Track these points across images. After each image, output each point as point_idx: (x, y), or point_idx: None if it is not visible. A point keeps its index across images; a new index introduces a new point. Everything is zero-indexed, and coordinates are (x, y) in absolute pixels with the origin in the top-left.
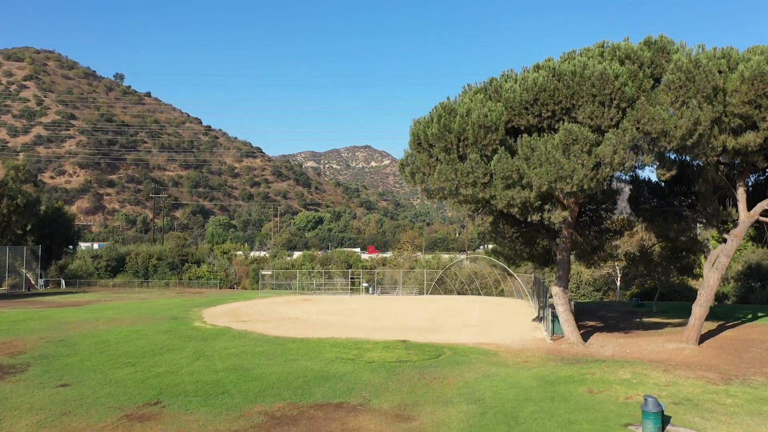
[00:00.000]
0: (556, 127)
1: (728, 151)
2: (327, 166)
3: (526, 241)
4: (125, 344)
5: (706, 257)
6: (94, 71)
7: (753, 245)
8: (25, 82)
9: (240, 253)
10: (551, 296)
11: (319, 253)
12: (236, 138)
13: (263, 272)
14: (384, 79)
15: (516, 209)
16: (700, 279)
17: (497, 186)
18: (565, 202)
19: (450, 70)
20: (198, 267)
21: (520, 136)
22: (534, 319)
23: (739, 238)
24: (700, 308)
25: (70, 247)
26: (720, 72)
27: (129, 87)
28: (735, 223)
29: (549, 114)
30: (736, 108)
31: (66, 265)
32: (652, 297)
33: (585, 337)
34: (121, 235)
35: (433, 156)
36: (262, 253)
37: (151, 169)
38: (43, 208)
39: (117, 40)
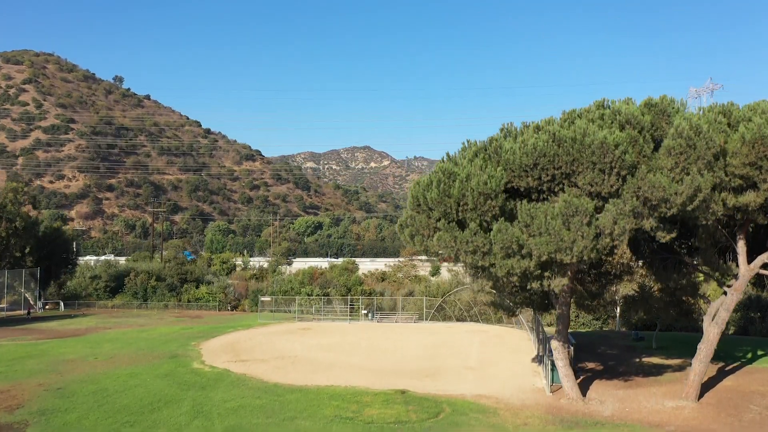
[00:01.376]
0: (556, 190)
1: (728, 208)
2: (326, 166)
3: (525, 294)
4: (123, 395)
5: (706, 301)
6: (94, 74)
7: (754, 288)
8: (24, 86)
9: (240, 262)
10: (551, 339)
11: (319, 266)
12: (235, 141)
13: (262, 298)
14: (384, 79)
15: (516, 278)
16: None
17: (497, 255)
18: (565, 268)
19: (450, 70)
20: (197, 288)
21: (520, 201)
22: (533, 359)
23: (739, 292)
24: (699, 364)
25: (69, 266)
26: (720, 131)
27: (128, 90)
28: (735, 276)
29: (549, 178)
30: (736, 169)
31: (65, 282)
32: (651, 327)
33: (584, 385)
34: (119, 241)
35: (432, 218)
36: (262, 261)
37: (150, 173)
38: (42, 228)
39: (116, 42)
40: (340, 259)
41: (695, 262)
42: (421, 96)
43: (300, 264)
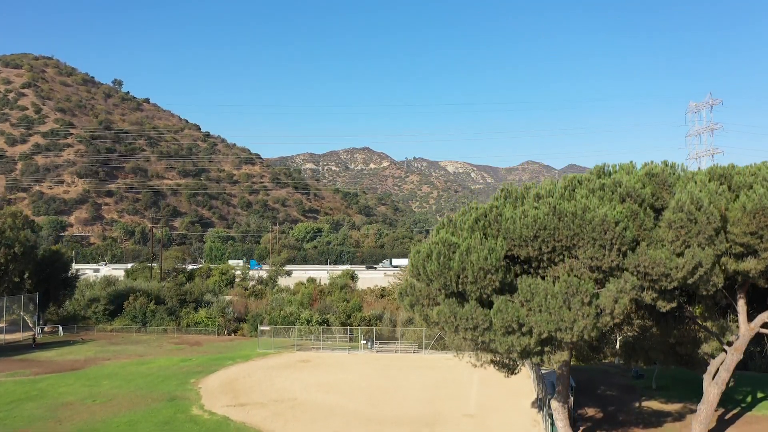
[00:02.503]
0: (556, 261)
1: (729, 272)
2: (326, 167)
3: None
4: None
5: (707, 358)
6: (93, 77)
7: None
8: (23, 90)
9: (239, 272)
10: (551, 398)
11: (318, 278)
12: (235, 144)
13: (262, 327)
14: (384, 79)
15: (516, 354)
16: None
17: (497, 332)
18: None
19: (450, 70)
20: (196, 312)
21: (520, 275)
22: (533, 403)
23: (740, 352)
24: (699, 425)
25: (68, 289)
26: (721, 198)
27: (128, 93)
28: (734, 333)
29: (549, 249)
30: (737, 237)
31: (63, 302)
32: (651, 361)
33: None
34: (119, 248)
35: (432, 288)
36: (261, 272)
37: (149, 178)
38: (40, 251)
39: (115, 44)
40: (340, 269)
41: (696, 317)
42: (421, 96)
43: (299, 273)
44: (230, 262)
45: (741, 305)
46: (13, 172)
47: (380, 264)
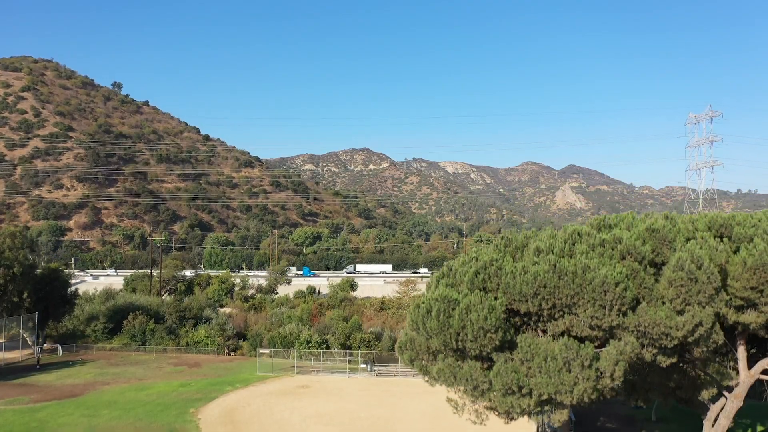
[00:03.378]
0: (556, 316)
1: (729, 323)
2: (325, 168)
3: None
4: None
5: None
6: (92, 80)
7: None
8: (22, 93)
9: (238, 281)
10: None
11: (317, 287)
12: (234, 147)
13: (261, 350)
14: (383, 79)
15: (516, 414)
16: None
17: (497, 392)
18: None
19: (449, 70)
20: (195, 330)
21: (520, 333)
22: None
23: (740, 399)
24: None
25: (67, 306)
26: (720, 249)
27: (127, 96)
28: (736, 381)
29: (549, 306)
30: (738, 291)
31: (62, 318)
32: None
33: None
34: (118, 254)
35: (431, 342)
36: (261, 279)
37: (149, 181)
38: (39, 270)
39: (115, 46)
40: (339, 278)
41: (695, 360)
42: (422, 96)
43: (299, 281)
44: (249, 272)
45: (741, 352)
46: (13, 176)
47: (379, 270)
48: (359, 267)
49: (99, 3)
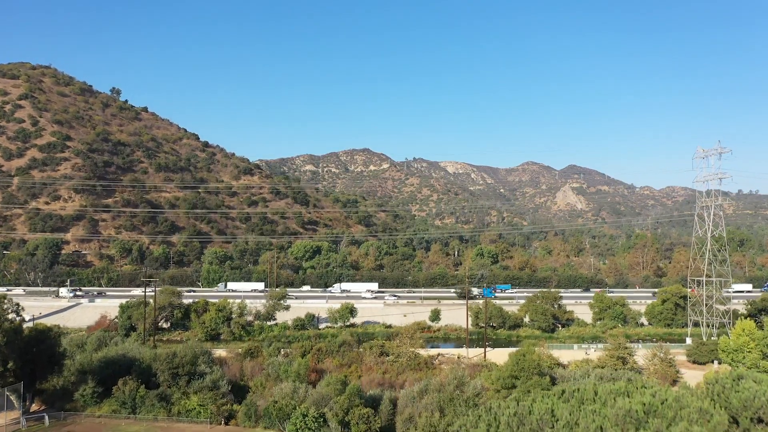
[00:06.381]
0: None
1: None
2: (325, 169)
3: None
4: None
5: None
6: (91, 86)
7: None
8: (20, 102)
9: (236, 308)
10: None
11: (317, 310)
12: (234, 154)
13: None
14: (383, 79)
15: None
16: None
17: None
18: None
19: (449, 70)
20: (188, 386)
21: None
22: None
23: None
24: None
25: (55, 367)
26: None
27: (125, 102)
28: None
29: None
30: None
31: (48, 378)
32: None
33: None
34: (115, 272)
35: None
36: (258, 306)
37: (147, 191)
38: (26, 333)
39: (113, 51)
40: (338, 303)
41: None
42: (422, 96)
43: (297, 305)
44: (248, 283)
45: None
46: (9, 187)
47: (365, 289)
48: (345, 285)
49: (98, 6)
